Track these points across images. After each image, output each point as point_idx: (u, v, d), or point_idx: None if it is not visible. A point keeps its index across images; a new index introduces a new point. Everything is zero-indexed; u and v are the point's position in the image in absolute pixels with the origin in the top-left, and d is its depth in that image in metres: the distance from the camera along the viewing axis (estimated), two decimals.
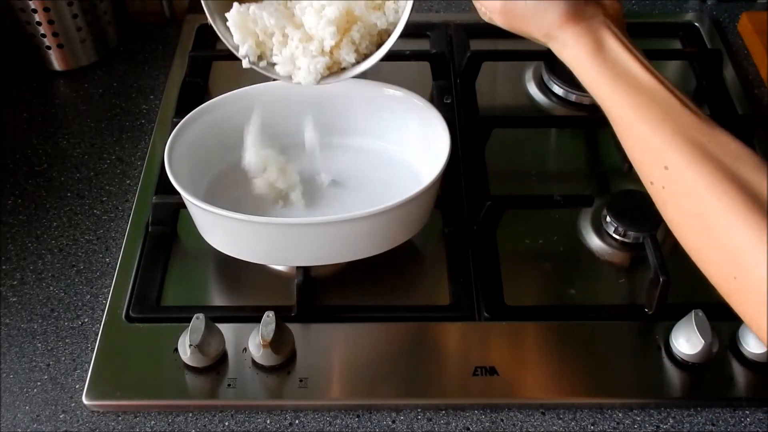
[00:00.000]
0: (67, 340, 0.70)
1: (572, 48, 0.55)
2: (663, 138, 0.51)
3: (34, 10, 0.90)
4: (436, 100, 0.90)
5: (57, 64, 0.96)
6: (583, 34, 0.55)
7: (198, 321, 0.64)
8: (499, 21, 0.56)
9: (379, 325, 0.70)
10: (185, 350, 0.64)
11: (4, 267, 0.76)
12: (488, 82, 0.94)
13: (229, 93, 0.75)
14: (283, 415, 0.65)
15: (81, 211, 0.81)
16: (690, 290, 0.72)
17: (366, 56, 0.66)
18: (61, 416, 0.65)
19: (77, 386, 0.67)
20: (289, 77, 0.66)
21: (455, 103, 0.90)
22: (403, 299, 0.73)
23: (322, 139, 0.76)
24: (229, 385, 0.65)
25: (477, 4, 0.59)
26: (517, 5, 0.55)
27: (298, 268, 0.71)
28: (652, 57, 0.97)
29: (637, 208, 0.76)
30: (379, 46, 0.66)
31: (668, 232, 0.75)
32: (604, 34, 0.54)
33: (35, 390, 0.67)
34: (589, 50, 0.54)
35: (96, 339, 0.69)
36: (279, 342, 0.64)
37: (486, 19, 0.59)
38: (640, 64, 0.54)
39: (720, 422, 0.65)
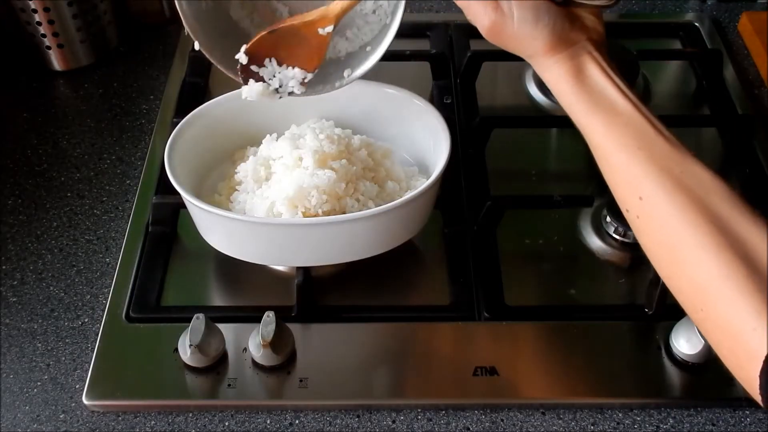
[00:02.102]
0: (67, 340, 0.70)
1: (554, 72, 0.56)
2: (638, 167, 0.52)
3: (34, 10, 0.90)
4: (436, 100, 0.90)
5: (57, 64, 0.96)
6: (565, 60, 0.55)
7: (198, 321, 0.64)
8: (485, 36, 0.57)
9: (379, 325, 0.70)
10: (185, 350, 0.64)
11: (4, 267, 0.76)
12: (488, 82, 0.94)
13: (229, 93, 0.75)
14: (283, 415, 0.65)
15: (81, 211, 0.81)
16: None
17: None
18: (61, 416, 0.65)
19: (77, 386, 0.67)
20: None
21: (455, 103, 0.90)
22: (403, 299, 0.73)
23: None
24: (229, 385, 0.65)
25: (467, 15, 0.58)
26: (506, 28, 0.55)
27: (298, 268, 0.71)
28: (652, 57, 0.99)
29: None
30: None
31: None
32: (586, 60, 0.55)
33: (35, 390, 0.67)
34: (570, 76, 0.55)
35: (96, 339, 0.69)
36: (279, 342, 0.64)
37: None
38: (618, 90, 0.54)
39: (720, 422, 0.65)
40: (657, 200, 0.51)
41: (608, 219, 0.76)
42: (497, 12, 0.54)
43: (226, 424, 0.65)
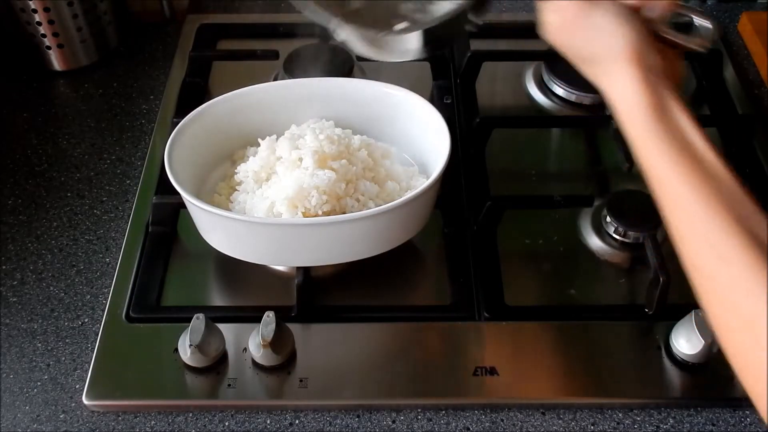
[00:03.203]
0: (67, 340, 0.70)
1: (628, 92, 0.50)
2: (722, 228, 0.46)
3: (34, 10, 0.90)
4: (436, 100, 0.90)
5: (57, 64, 0.96)
6: (646, 84, 0.50)
7: (198, 321, 0.64)
8: (560, 21, 0.52)
9: (379, 325, 0.70)
10: (185, 350, 0.64)
11: (4, 267, 0.76)
12: (488, 82, 0.94)
13: (229, 93, 0.75)
14: (283, 415, 0.65)
15: (81, 211, 0.81)
16: (690, 290, 0.71)
17: None
18: (61, 416, 0.65)
19: (77, 386, 0.67)
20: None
21: (455, 103, 0.90)
22: (403, 299, 0.73)
23: None
24: (229, 385, 0.65)
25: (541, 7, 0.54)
26: (592, 14, 0.51)
27: (298, 268, 0.71)
28: None
29: (637, 208, 0.76)
30: None
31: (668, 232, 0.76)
32: (669, 97, 0.50)
33: (35, 390, 0.67)
34: (651, 108, 0.49)
35: (96, 339, 0.69)
36: (279, 342, 0.64)
37: (545, 32, 0.55)
38: (705, 142, 0.48)
39: (720, 422, 0.65)
40: (740, 265, 0.45)
41: (608, 219, 0.76)
42: None
43: (226, 424, 0.65)
